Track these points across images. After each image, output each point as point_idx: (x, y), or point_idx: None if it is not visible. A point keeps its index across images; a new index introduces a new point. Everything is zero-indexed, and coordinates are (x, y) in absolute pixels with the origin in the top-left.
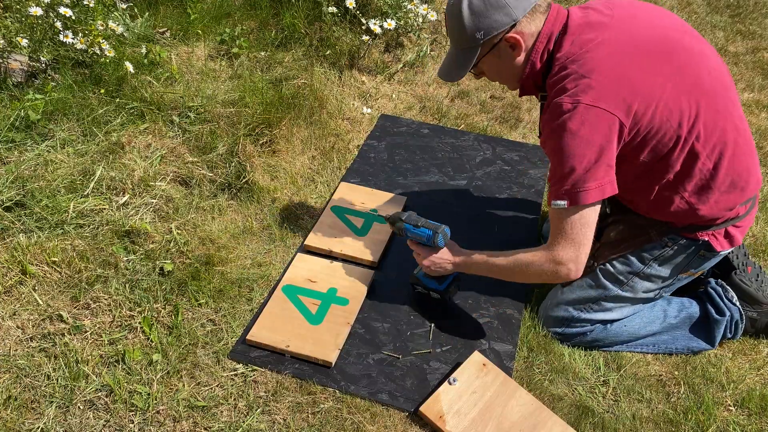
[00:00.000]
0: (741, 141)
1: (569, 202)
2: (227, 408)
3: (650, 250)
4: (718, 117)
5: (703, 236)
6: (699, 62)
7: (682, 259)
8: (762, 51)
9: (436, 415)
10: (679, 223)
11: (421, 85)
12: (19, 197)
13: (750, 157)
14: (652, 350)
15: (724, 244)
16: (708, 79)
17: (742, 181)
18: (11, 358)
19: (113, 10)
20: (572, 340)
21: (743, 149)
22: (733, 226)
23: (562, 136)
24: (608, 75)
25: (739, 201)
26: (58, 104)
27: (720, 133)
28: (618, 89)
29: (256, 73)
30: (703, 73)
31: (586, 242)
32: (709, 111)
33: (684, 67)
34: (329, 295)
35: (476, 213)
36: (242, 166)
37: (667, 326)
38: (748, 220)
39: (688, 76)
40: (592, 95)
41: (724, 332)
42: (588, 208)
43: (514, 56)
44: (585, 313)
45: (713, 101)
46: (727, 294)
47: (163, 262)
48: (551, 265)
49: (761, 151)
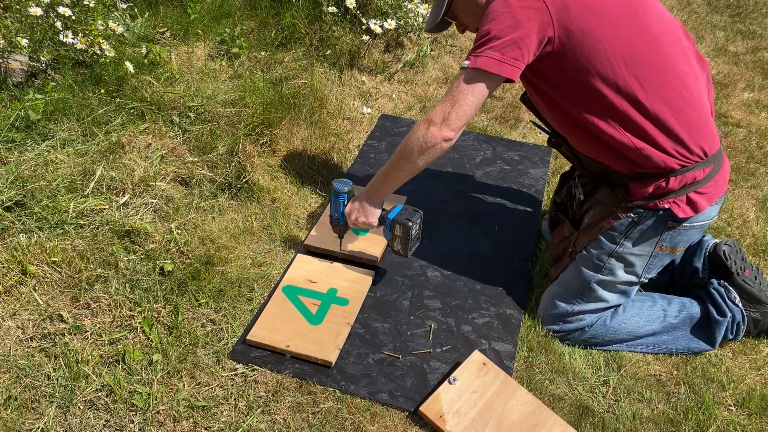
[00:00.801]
0: (686, 94)
1: (470, 63)
2: (227, 408)
3: (617, 228)
4: (663, 64)
5: (664, 204)
6: (648, 11)
7: (650, 230)
8: (762, 51)
9: (436, 414)
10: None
11: (421, 85)
12: (19, 197)
13: (695, 112)
14: (652, 350)
15: (687, 210)
16: (655, 27)
17: (685, 133)
18: (11, 358)
19: (113, 10)
20: (570, 337)
21: (689, 102)
22: (695, 192)
23: (496, 3)
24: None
25: (681, 151)
26: (58, 104)
27: (661, 79)
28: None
29: (256, 73)
30: (651, 20)
31: (464, 105)
32: (652, 54)
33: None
34: (329, 295)
35: (476, 213)
36: (242, 166)
37: (668, 326)
38: (714, 187)
39: (634, 16)
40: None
41: (725, 333)
42: (481, 76)
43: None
44: (576, 305)
45: (657, 47)
46: (729, 295)
47: (163, 262)
48: (423, 124)
49: (761, 151)
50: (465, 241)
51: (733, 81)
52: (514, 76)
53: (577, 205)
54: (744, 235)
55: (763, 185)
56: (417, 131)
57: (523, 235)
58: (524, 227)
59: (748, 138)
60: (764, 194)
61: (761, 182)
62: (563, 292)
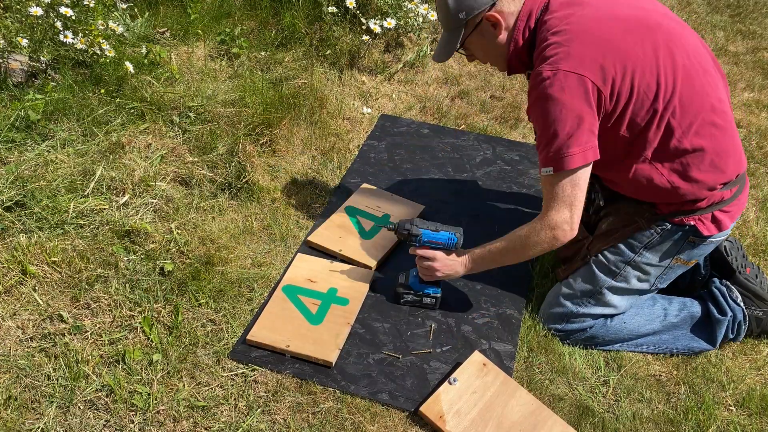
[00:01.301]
0: (719, 122)
1: (555, 167)
2: (227, 408)
3: (639, 238)
4: (694, 96)
5: (690, 221)
6: (677, 42)
7: (671, 244)
8: (762, 51)
9: (436, 415)
10: (665, 207)
11: (421, 85)
12: (19, 197)
13: (729, 138)
14: (653, 350)
15: (711, 228)
16: (686, 59)
17: (721, 161)
18: (11, 358)
19: (113, 10)
20: (572, 337)
21: (722, 130)
22: (720, 211)
23: (544, 103)
24: (585, 41)
25: (719, 181)
26: (58, 104)
27: (696, 111)
28: (594, 54)
29: (256, 73)
30: (681, 52)
31: (577, 203)
32: (686, 88)
33: (662, 44)
34: (329, 295)
35: (476, 213)
36: (242, 166)
37: (668, 325)
38: (737, 205)
39: (666, 52)
40: (571, 62)
41: (725, 333)
42: (576, 172)
43: (496, 35)
44: (583, 307)
45: (690, 80)
46: (731, 294)
47: (164, 262)
48: (547, 230)
49: (761, 151)
50: (465, 241)
51: (733, 81)
52: (598, 155)
53: (594, 210)
54: (744, 235)
55: (763, 185)
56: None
57: None
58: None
59: (748, 138)
60: (764, 194)
61: (761, 182)
62: (571, 293)
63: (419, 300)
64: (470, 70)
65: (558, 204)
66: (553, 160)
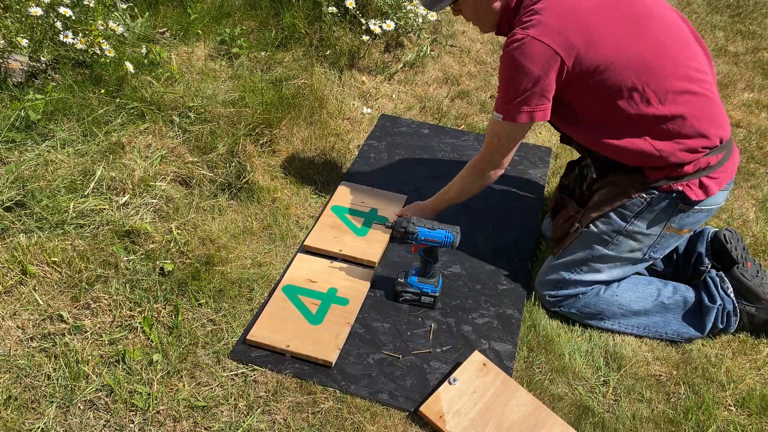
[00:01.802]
0: (697, 89)
1: (504, 116)
2: (227, 408)
3: (630, 207)
4: (668, 65)
5: (678, 186)
6: (651, 15)
7: (661, 212)
8: (762, 51)
9: (436, 415)
10: (653, 174)
11: (421, 85)
12: (19, 197)
13: (709, 104)
14: (643, 333)
15: (699, 194)
16: (659, 32)
17: (702, 126)
18: (11, 358)
19: (113, 10)
20: (564, 303)
21: (699, 96)
22: (707, 177)
23: (509, 62)
24: (554, 12)
25: (702, 144)
26: (58, 104)
27: (670, 80)
28: (562, 26)
29: (256, 73)
30: (654, 25)
31: (509, 152)
32: (658, 59)
33: (633, 17)
34: (329, 295)
35: (476, 213)
36: (242, 166)
37: (660, 305)
38: (725, 173)
39: (637, 25)
40: (539, 30)
41: (714, 322)
42: (517, 126)
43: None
44: (575, 274)
45: (663, 50)
46: (723, 284)
47: (164, 262)
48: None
49: (761, 151)
50: (465, 241)
51: (733, 81)
52: (548, 117)
53: (588, 185)
54: (744, 235)
55: (763, 185)
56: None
57: (523, 235)
58: (524, 227)
59: (748, 138)
60: (764, 194)
61: (761, 182)
62: (564, 261)
63: (418, 299)
64: (470, 70)
65: (492, 149)
66: (505, 110)
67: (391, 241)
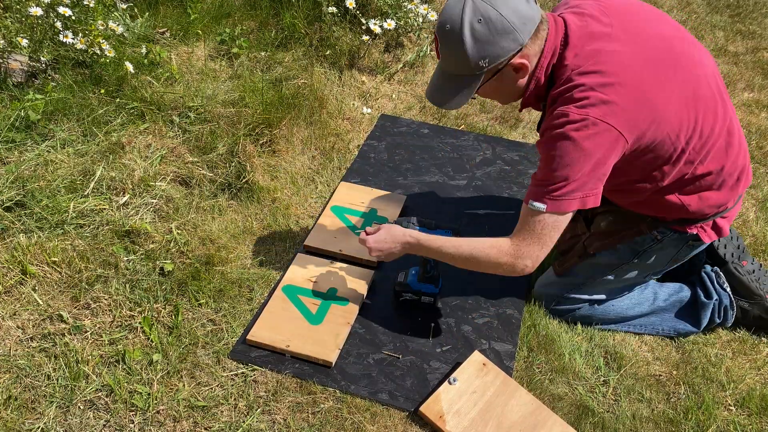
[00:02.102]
0: (734, 142)
1: (549, 207)
2: (227, 408)
3: (640, 243)
4: (715, 123)
5: (693, 230)
6: (698, 70)
7: (671, 249)
8: (762, 51)
9: (436, 415)
10: (670, 218)
11: (421, 85)
12: (19, 197)
13: (742, 156)
14: (639, 330)
15: (712, 235)
16: (706, 87)
17: (734, 180)
18: (11, 358)
19: (113, 10)
20: (562, 316)
21: (736, 150)
22: (720, 218)
23: (564, 142)
24: (626, 91)
25: (731, 198)
26: (58, 104)
27: (715, 138)
28: (633, 108)
29: (256, 73)
30: (702, 81)
31: (551, 244)
32: (707, 119)
33: (686, 77)
34: (329, 295)
35: (476, 213)
36: (242, 166)
37: (657, 308)
38: (735, 209)
39: (690, 86)
40: (603, 110)
41: (711, 317)
42: (566, 215)
43: (516, 78)
44: (575, 293)
45: (711, 109)
46: (719, 279)
47: (164, 262)
48: (510, 258)
49: (761, 151)
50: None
51: (732, 81)
52: (597, 203)
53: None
54: (744, 235)
55: (763, 185)
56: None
57: None
58: None
59: (748, 138)
60: (764, 194)
61: (761, 182)
62: (564, 280)
63: (417, 299)
64: None
65: (533, 240)
66: (550, 199)
67: None
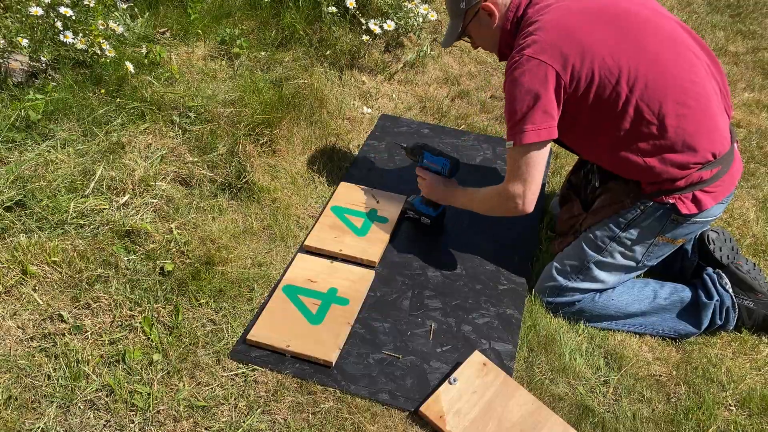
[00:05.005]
0: (691, 102)
1: (513, 141)
2: (227, 408)
3: (624, 215)
4: (663, 78)
5: (669, 200)
6: (645, 26)
7: (653, 222)
8: (762, 51)
9: (436, 415)
10: (648, 186)
11: (422, 85)
12: (19, 197)
13: (701, 118)
14: (640, 330)
15: (691, 207)
16: (656, 43)
17: (693, 141)
18: (11, 358)
19: (113, 10)
20: (562, 310)
21: (693, 110)
22: (701, 191)
23: (509, 84)
24: (551, 31)
25: (691, 161)
26: (58, 104)
27: (664, 93)
28: (557, 42)
29: (256, 73)
30: (650, 37)
31: (531, 180)
32: (653, 71)
33: (627, 30)
34: (329, 295)
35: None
36: (242, 166)
37: (657, 307)
38: (722, 186)
39: (631, 38)
40: (534, 48)
41: (712, 318)
42: (532, 149)
43: (491, 24)
44: (572, 282)
45: (658, 63)
46: (720, 280)
47: (164, 262)
48: (501, 198)
49: (761, 151)
50: (465, 240)
51: (733, 81)
52: (554, 135)
53: (591, 189)
54: (744, 235)
55: (763, 185)
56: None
57: (524, 235)
58: (524, 227)
59: (748, 138)
60: (764, 194)
61: (761, 182)
62: (562, 269)
63: (417, 218)
64: (470, 70)
65: (514, 178)
66: (511, 134)
67: (391, 242)
